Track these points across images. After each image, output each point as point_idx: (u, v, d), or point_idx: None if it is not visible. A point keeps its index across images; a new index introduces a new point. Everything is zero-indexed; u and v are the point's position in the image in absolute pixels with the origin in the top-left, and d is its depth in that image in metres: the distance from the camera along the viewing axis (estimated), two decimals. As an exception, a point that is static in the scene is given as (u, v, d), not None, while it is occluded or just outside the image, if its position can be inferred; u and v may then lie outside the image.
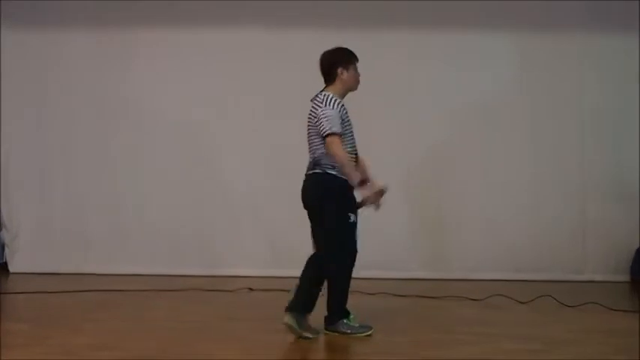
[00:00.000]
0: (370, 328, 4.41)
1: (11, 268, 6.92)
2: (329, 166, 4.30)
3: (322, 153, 4.31)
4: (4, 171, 6.94)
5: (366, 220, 6.62)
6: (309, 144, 4.42)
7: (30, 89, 6.90)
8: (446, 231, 6.70)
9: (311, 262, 4.38)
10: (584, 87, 6.68)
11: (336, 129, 4.26)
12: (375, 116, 6.49)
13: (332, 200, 4.29)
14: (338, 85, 4.42)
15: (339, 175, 4.30)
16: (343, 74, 4.40)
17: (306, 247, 4.53)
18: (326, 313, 4.42)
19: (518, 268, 6.59)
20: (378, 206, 4.42)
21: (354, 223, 4.34)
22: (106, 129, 6.89)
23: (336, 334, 4.38)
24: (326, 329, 4.41)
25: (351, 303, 4.50)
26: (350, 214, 4.31)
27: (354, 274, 4.48)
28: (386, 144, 6.67)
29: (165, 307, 5.29)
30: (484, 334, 4.47)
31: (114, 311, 5.12)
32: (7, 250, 7.03)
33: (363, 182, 4.37)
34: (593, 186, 6.63)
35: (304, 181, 4.43)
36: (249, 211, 6.79)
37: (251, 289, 5.95)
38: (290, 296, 4.37)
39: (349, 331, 4.36)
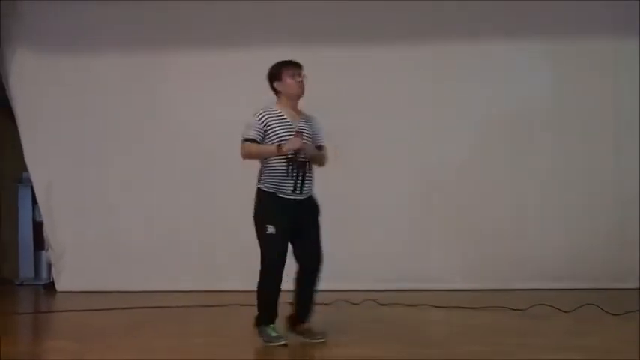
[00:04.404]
0: (282, 338, 4.45)
1: (58, 287, 7.07)
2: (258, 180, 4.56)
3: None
4: (48, 194, 7.11)
5: (402, 232, 6.64)
6: None
7: (66, 114, 7.03)
8: (481, 241, 6.63)
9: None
10: (618, 93, 6.57)
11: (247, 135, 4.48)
12: (411, 128, 6.54)
13: (255, 212, 4.54)
14: (280, 97, 4.58)
15: (262, 188, 4.52)
16: (279, 87, 4.56)
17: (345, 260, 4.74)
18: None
19: (557, 276, 6.49)
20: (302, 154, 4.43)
21: (271, 235, 4.44)
22: (140, 149, 7.01)
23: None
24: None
25: (391, 315, 4.42)
26: (268, 225, 4.43)
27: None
28: (419, 156, 6.67)
29: (206, 323, 5.34)
30: (527, 344, 4.39)
31: (156, 328, 5.16)
32: (53, 269, 7.20)
33: (278, 145, 4.44)
34: (631, 192, 6.50)
35: None
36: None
37: (291, 303, 5.93)
38: None
39: (263, 339, 4.46)
